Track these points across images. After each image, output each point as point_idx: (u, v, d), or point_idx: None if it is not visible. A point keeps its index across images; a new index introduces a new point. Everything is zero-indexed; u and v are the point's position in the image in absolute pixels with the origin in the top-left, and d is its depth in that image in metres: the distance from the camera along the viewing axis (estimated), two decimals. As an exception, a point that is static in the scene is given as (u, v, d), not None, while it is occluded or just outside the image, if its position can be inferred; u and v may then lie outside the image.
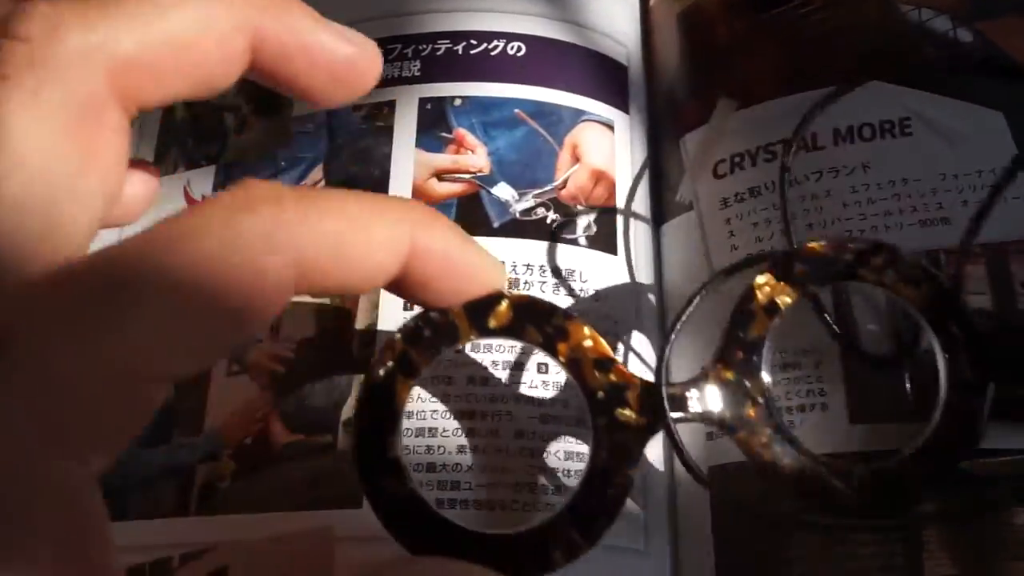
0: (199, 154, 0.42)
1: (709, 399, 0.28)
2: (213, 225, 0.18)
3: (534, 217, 0.38)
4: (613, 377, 0.26)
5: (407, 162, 0.39)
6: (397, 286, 0.23)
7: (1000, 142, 0.34)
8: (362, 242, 0.21)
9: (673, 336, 0.29)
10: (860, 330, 0.33)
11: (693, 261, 0.37)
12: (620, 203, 0.39)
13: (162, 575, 0.32)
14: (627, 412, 0.26)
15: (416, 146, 0.39)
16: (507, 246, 0.37)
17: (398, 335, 0.25)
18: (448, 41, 0.41)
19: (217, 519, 0.34)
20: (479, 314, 0.25)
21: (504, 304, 0.26)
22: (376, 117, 0.40)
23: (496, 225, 0.38)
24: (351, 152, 0.40)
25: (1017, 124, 0.35)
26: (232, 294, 0.18)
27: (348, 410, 0.34)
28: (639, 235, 0.39)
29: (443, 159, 0.39)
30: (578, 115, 0.40)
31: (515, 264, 0.37)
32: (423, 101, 0.40)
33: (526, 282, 0.36)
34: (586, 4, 0.43)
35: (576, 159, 0.39)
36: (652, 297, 0.38)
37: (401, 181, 0.38)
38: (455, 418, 0.34)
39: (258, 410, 0.35)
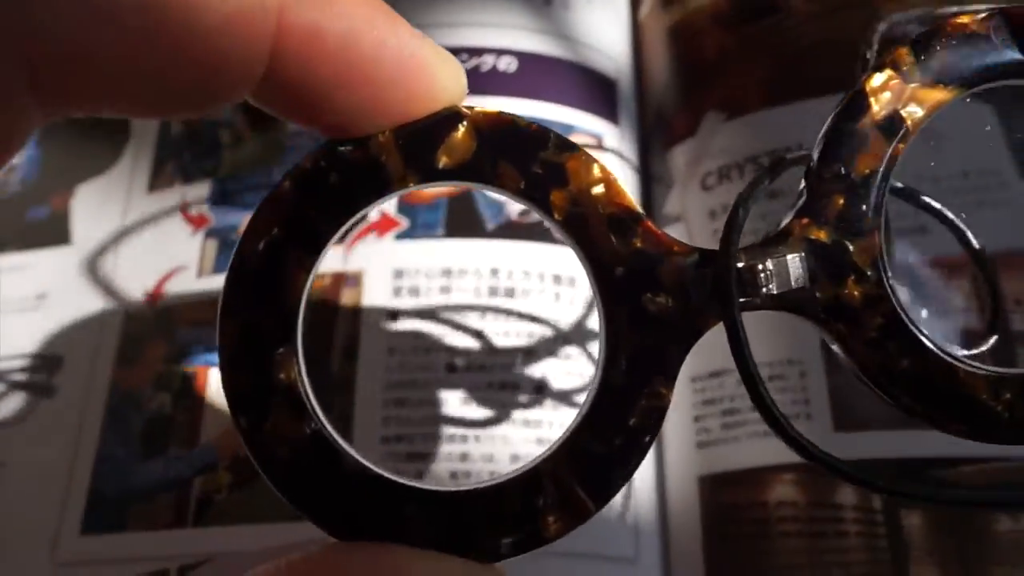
0: (195, 168, 0.42)
1: (792, 272, 0.18)
2: None
3: (531, 220, 0.37)
4: (639, 243, 0.17)
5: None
6: (272, 96, 0.15)
7: (986, 145, 0.35)
8: (172, 22, 0.14)
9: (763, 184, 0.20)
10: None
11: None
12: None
13: (160, 587, 0.33)
14: (660, 298, 0.17)
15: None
16: (501, 249, 0.36)
17: (287, 183, 0.17)
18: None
19: (214, 531, 0.34)
20: (421, 145, 0.17)
21: (462, 129, 0.17)
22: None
23: (490, 227, 0.37)
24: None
25: (1004, 127, 0.35)
26: None
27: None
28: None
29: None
30: (568, 129, 0.40)
31: (511, 269, 0.36)
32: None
33: (524, 289, 0.35)
34: (577, 19, 0.43)
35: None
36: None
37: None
38: (447, 442, 0.33)
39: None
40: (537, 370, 0.34)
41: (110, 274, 0.40)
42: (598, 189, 0.17)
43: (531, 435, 0.33)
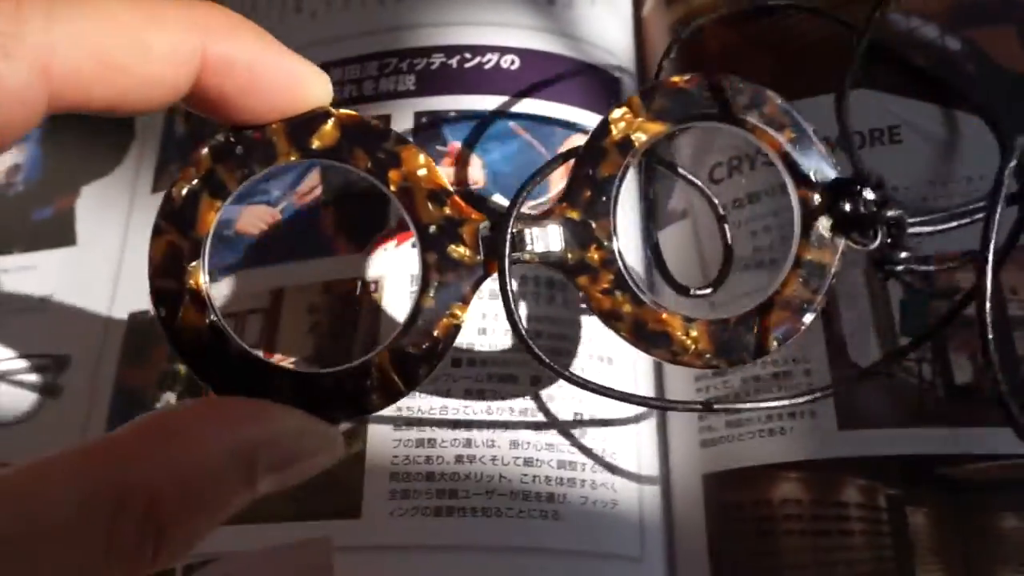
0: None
1: (551, 239, 0.26)
2: None
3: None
4: (448, 211, 0.25)
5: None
6: (199, 103, 0.22)
7: (990, 149, 0.35)
8: (134, 50, 0.19)
9: (538, 177, 0.28)
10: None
11: (688, 270, 0.37)
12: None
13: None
14: (460, 249, 0.25)
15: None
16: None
17: (205, 150, 0.24)
18: (443, 55, 0.41)
19: (219, 530, 0.33)
20: (300, 132, 0.24)
21: (330, 123, 0.24)
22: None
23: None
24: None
25: (1007, 131, 0.35)
26: None
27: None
28: (634, 246, 0.39)
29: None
30: (571, 127, 0.40)
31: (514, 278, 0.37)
32: (418, 115, 0.40)
33: (522, 292, 0.36)
34: (580, 16, 0.43)
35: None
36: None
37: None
38: (453, 429, 0.34)
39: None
40: (533, 364, 0.34)
41: (115, 274, 0.40)
42: (422, 171, 0.25)
43: (528, 422, 0.34)
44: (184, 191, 0.23)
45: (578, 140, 0.40)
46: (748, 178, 0.38)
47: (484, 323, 0.36)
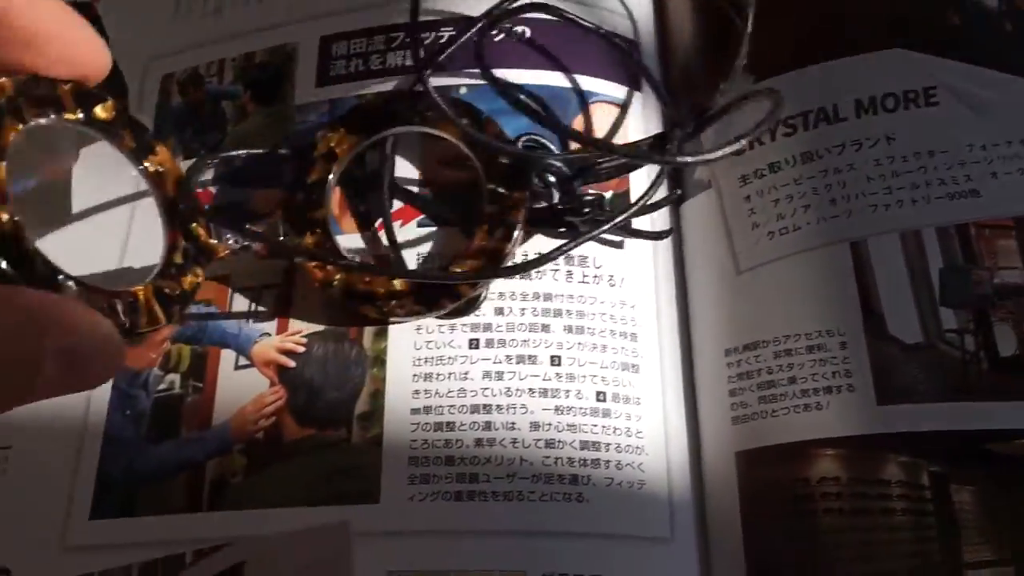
0: (197, 143, 0.41)
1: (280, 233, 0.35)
2: None
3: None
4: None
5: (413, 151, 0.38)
6: None
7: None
8: None
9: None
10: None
11: (714, 241, 0.37)
12: (634, 184, 0.38)
13: (175, 571, 0.32)
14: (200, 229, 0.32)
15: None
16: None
17: (10, 81, 0.26)
18: (451, 28, 0.40)
19: (231, 515, 0.33)
20: (87, 99, 0.29)
21: (111, 101, 0.29)
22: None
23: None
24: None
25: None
26: None
27: (362, 404, 0.34)
28: (657, 217, 0.38)
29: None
30: (587, 96, 0.39)
31: (526, 251, 0.36)
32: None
33: (539, 270, 0.36)
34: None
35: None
36: (672, 282, 0.37)
37: (408, 169, 0.38)
38: (472, 412, 0.34)
39: (267, 404, 0.35)
40: (553, 344, 0.35)
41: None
42: (169, 164, 0.32)
43: (549, 403, 0.34)
44: None
45: (596, 109, 0.39)
46: (769, 148, 0.37)
47: (501, 303, 0.35)
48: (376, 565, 0.31)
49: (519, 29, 0.40)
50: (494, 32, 0.40)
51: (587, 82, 0.39)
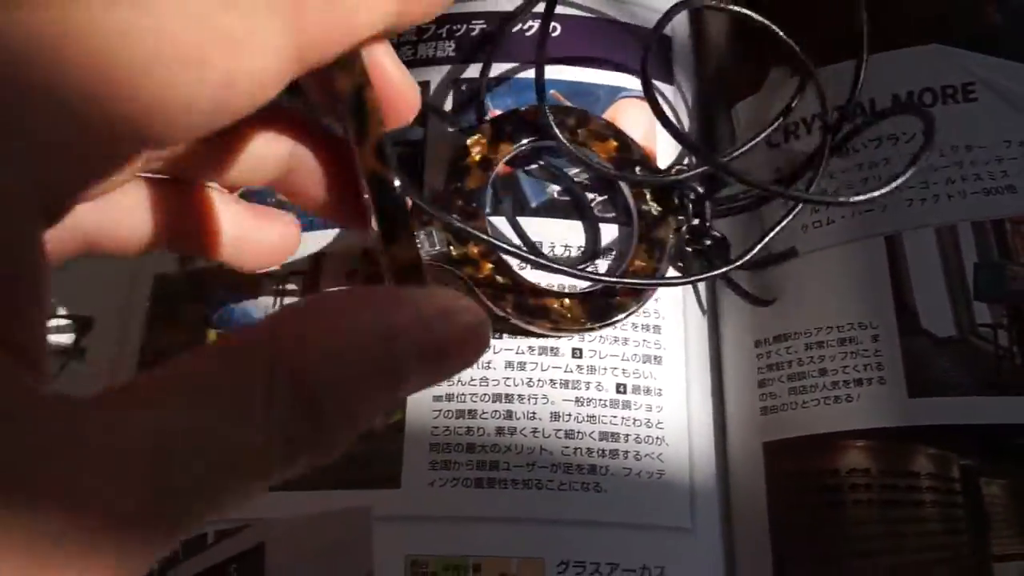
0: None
1: (438, 240, 0.32)
2: None
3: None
4: None
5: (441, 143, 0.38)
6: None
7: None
8: None
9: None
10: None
11: (746, 234, 0.36)
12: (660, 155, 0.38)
13: (196, 551, 0.32)
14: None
15: (451, 127, 0.38)
16: (542, 225, 0.37)
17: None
18: (483, 21, 0.40)
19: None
20: None
21: None
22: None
23: (533, 205, 0.37)
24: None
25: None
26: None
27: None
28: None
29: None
30: (616, 92, 0.39)
31: (553, 244, 0.36)
32: (458, 82, 0.39)
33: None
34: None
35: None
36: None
37: (436, 164, 0.38)
38: (493, 401, 0.34)
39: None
40: (575, 337, 0.35)
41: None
42: None
43: (570, 395, 0.34)
44: None
45: (625, 105, 0.39)
46: (804, 142, 0.36)
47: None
48: (396, 549, 0.31)
49: (550, 24, 0.40)
50: (525, 26, 0.40)
51: (616, 78, 0.39)
